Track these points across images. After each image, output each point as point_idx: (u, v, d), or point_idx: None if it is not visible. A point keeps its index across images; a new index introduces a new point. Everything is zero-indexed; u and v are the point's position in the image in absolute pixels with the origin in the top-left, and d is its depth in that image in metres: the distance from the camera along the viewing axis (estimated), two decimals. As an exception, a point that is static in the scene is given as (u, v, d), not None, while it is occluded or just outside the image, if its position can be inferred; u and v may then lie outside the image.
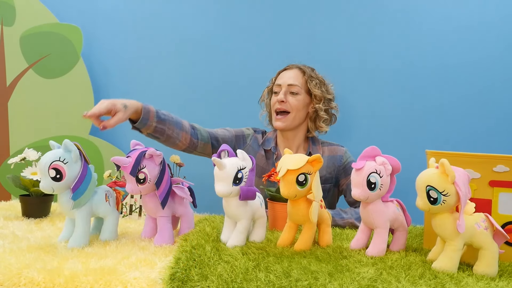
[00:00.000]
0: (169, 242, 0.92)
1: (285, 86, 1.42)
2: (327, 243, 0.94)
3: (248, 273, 0.70)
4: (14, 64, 1.98)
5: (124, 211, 1.26)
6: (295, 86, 1.42)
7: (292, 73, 1.45)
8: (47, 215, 1.26)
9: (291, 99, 1.41)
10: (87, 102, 1.98)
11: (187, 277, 0.69)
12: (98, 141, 1.97)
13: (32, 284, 0.68)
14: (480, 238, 0.77)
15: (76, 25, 1.98)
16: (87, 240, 0.91)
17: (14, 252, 0.82)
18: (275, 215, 1.11)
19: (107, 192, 0.98)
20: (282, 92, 1.42)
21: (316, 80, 1.44)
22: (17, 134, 1.99)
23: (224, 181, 0.85)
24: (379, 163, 0.85)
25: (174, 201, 0.98)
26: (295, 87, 1.42)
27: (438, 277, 0.72)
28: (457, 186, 0.74)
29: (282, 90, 1.42)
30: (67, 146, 0.87)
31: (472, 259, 0.81)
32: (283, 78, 1.45)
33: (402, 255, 0.85)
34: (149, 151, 0.90)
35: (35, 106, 1.99)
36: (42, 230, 1.06)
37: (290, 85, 1.42)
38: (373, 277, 0.70)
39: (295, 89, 1.42)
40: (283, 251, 0.85)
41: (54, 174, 0.85)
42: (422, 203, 0.78)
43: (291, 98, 1.41)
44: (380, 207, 0.87)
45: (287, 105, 1.41)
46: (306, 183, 0.84)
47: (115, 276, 0.69)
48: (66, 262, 0.76)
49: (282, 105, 1.41)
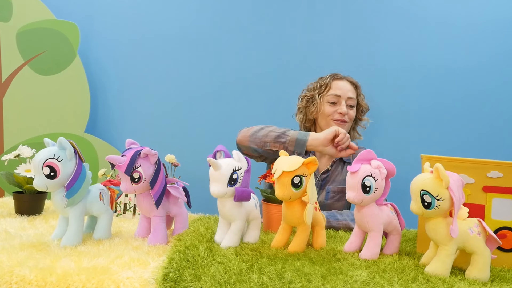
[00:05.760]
0: (163, 242, 0.92)
1: (344, 98, 1.48)
2: (321, 245, 0.94)
3: (241, 274, 0.70)
4: (10, 60, 1.96)
5: (118, 210, 1.26)
6: (353, 100, 1.50)
7: (348, 85, 1.51)
8: (41, 212, 1.25)
9: (350, 112, 1.49)
10: (83, 100, 1.97)
11: (180, 278, 0.69)
12: (93, 139, 1.96)
13: (24, 282, 0.67)
14: (473, 243, 0.77)
15: (73, 22, 1.97)
16: (80, 238, 0.90)
17: (6, 249, 0.82)
18: (269, 217, 1.11)
19: (101, 190, 0.98)
20: (343, 105, 1.47)
21: (363, 95, 1.55)
22: (11, 130, 1.97)
23: (219, 181, 0.85)
24: (374, 167, 0.85)
25: (168, 200, 0.98)
26: (354, 100, 1.50)
27: (430, 281, 0.72)
28: (451, 191, 0.74)
29: (343, 103, 1.47)
30: (62, 143, 0.87)
31: (464, 263, 0.81)
32: (342, 90, 1.49)
33: (395, 259, 0.85)
34: (144, 150, 0.89)
35: (30, 102, 1.98)
36: (35, 227, 1.05)
37: (350, 98, 1.49)
38: (366, 280, 0.70)
39: (353, 103, 1.50)
40: (277, 253, 0.85)
41: (48, 172, 0.84)
42: (416, 207, 0.79)
43: (349, 110, 1.49)
44: (374, 211, 0.87)
45: (346, 117, 1.47)
46: (301, 185, 0.84)
47: (108, 276, 0.69)
48: (58, 261, 0.75)
49: (343, 117, 1.46)
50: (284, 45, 1.91)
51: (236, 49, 1.94)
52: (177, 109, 1.98)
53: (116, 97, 2.04)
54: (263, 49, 1.92)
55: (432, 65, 1.80)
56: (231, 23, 1.95)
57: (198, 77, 1.97)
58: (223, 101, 1.95)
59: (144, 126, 2.00)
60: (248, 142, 1.33)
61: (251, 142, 1.32)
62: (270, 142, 1.29)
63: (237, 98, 1.94)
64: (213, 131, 1.94)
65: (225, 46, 1.95)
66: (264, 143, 1.30)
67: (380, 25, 1.84)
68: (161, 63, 2.00)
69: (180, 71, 1.98)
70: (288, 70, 1.90)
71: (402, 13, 1.83)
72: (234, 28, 1.94)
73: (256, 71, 1.92)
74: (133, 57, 2.02)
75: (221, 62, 1.95)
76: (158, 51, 2.00)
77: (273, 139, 1.29)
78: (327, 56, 1.87)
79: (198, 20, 1.97)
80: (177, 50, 1.98)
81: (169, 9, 1.99)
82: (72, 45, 1.96)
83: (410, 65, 1.81)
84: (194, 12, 1.98)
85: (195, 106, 1.96)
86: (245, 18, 1.94)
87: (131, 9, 2.02)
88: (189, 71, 1.98)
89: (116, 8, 2.03)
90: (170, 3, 1.99)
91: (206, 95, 1.96)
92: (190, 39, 1.98)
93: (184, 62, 1.98)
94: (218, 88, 1.95)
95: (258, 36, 1.93)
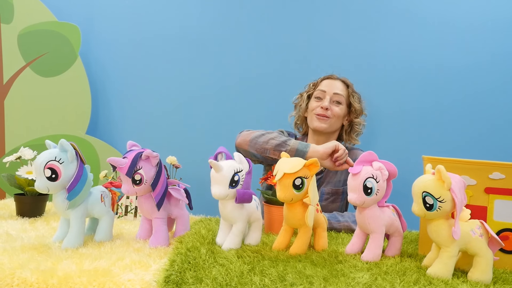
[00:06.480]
0: (164, 244, 0.92)
1: (330, 94, 1.47)
2: (322, 247, 0.94)
3: (243, 277, 0.70)
4: (11, 62, 1.97)
5: (119, 212, 1.26)
6: (340, 96, 1.48)
7: (338, 83, 1.50)
8: (42, 214, 1.25)
9: (334, 108, 1.47)
10: (84, 101, 1.98)
11: (182, 280, 0.69)
12: (95, 140, 1.96)
13: (25, 284, 0.67)
14: (475, 245, 0.77)
15: (74, 24, 1.97)
16: (81, 240, 0.90)
17: (8, 251, 0.82)
18: (271, 219, 1.11)
19: (102, 192, 0.98)
20: (327, 99, 1.46)
21: (357, 96, 1.52)
22: (13, 132, 1.98)
23: (221, 183, 0.85)
24: (376, 168, 0.85)
25: (170, 202, 0.98)
26: (340, 97, 1.48)
27: (432, 283, 0.72)
28: (453, 192, 0.74)
29: (327, 98, 1.46)
30: (63, 145, 0.86)
31: (466, 265, 0.81)
32: (329, 86, 1.49)
33: (397, 261, 0.85)
34: (146, 152, 0.89)
35: (32, 104, 1.98)
36: (36, 229, 1.05)
37: (336, 93, 1.47)
38: (368, 282, 0.70)
39: (340, 99, 1.48)
40: (278, 255, 0.85)
41: (49, 174, 0.84)
42: (418, 209, 0.79)
43: (334, 106, 1.47)
44: (376, 212, 0.87)
45: (329, 113, 1.45)
46: (302, 187, 0.84)
47: (109, 278, 0.68)
48: (60, 263, 0.75)
49: (325, 111, 1.45)
50: (284, 45, 1.91)
51: (236, 49, 1.94)
52: (178, 110, 1.98)
53: (117, 98, 2.04)
54: (264, 50, 1.92)
55: (432, 65, 1.79)
56: (231, 23, 1.95)
57: (199, 78, 1.97)
58: (224, 102, 1.95)
59: (145, 127, 2.00)
60: (247, 146, 1.33)
61: (251, 147, 1.32)
62: (270, 150, 1.29)
63: (238, 99, 1.94)
64: (215, 133, 1.94)
65: (225, 47, 1.95)
66: (264, 149, 1.30)
67: (380, 26, 1.84)
68: (162, 64, 2.00)
69: (181, 72, 1.99)
70: (288, 71, 1.90)
71: (402, 14, 1.82)
72: (234, 29, 1.95)
73: (256, 71, 1.92)
74: (134, 58, 2.02)
75: (222, 62, 1.95)
76: (159, 52, 2.00)
77: (273, 146, 1.28)
78: (327, 57, 1.87)
79: (199, 21, 1.98)
80: (177, 51, 1.99)
81: (169, 10, 2.00)
82: (73, 46, 1.97)
83: (411, 65, 1.81)
84: (194, 12, 1.98)
85: (196, 107, 1.96)
86: (246, 18, 1.94)
87: (132, 10, 2.02)
88: (190, 72, 1.98)
89: (117, 10, 2.03)
90: (170, 4, 1.99)
91: (207, 96, 1.96)
92: (191, 40, 1.98)
93: (184, 63, 1.98)
94: (219, 89, 1.95)
95: (258, 37, 1.93)
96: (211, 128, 1.96)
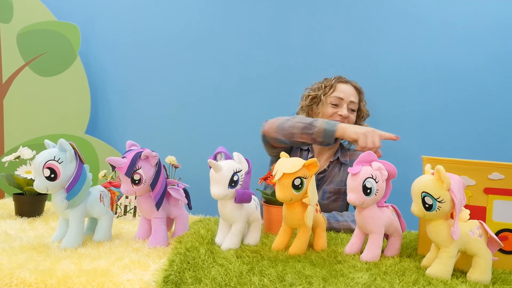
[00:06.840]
0: (163, 244, 0.92)
1: (347, 102, 1.48)
2: (321, 247, 0.94)
3: (242, 277, 0.70)
4: (10, 62, 1.97)
5: (118, 211, 1.26)
6: (355, 104, 1.50)
7: (352, 89, 1.51)
8: (41, 214, 1.25)
9: (350, 115, 1.50)
10: (84, 101, 1.97)
11: (181, 280, 0.69)
12: (94, 140, 1.96)
13: (24, 284, 0.67)
14: (474, 245, 0.77)
15: (73, 23, 1.97)
16: (80, 240, 0.90)
17: (6, 251, 0.82)
18: (270, 219, 1.11)
19: (101, 192, 0.97)
20: (345, 108, 1.48)
21: (365, 101, 1.56)
22: (11, 132, 1.97)
23: (220, 183, 0.85)
24: (375, 169, 0.85)
25: (169, 202, 0.97)
26: (355, 104, 1.51)
27: (432, 284, 0.72)
28: (452, 193, 0.74)
29: (344, 106, 1.48)
30: (62, 145, 0.86)
31: (466, 266, 0.81)
32: (345, 93, 1.49)
33: (396, 261, 0.85)
34: (145, 152, 0.89)
35: (31, 104, 1.98)
36: (35, 229, 1.05)
37: (352, 102, 1.49)
38: (367, 283, 0.70)
39: (354, 107, 1.51)
40: (278, 255, 0.85)
41: (48, 174, 0.84)
42: (417, 209, 0.79)
43: (350, 114, 1.50)
44: (375, 213, 0.87)
45: (346, 121, 1.47)
46: (302, 187, 0.84)
47: (108, 278, 0.68)
48: (59, 263, 0.75)
49: (343, 119, 1.47)
50: (284, 46, 1.91)
51: (236, 49, 1.94)
52: (178, 110, 1.98)
53: (116, 98, 2.04)
54: (264, 50, 1.92)
55: (432, 66, 1.80)
56: (231, 24, 1.95)
57: (198, 78, 1.97)
58: (223, 102, 1.95)
59: (144, 127, 2.00)
60: (275, 133, 1.33)
61: (278, 133, 1.33)
62: (297, 134, 1.29)
63: (238, 99, 1.94)
64: (214, 133, 1.94)
65: (226, 47, 1.95)
66: (291, 134, 1.30)
67: (380, 26, 1.84)
68: (161, 64, 2.00)
69: (181, 72, 1.98)
70: (288, 71, 1.90)
71: (402, 14, 1.83)
72: (234, 29, 1.94)
73: (257, 72, 1.92)
74: (134, 58, 2.02)
75: (221, 63, 1.95)
76: (158, 52, 2.00)
77: (300, 130, 1.28)
78: (328, 57, 1.87)
79: (199, 21, 1.97)
80: (178, 51, 1.99)
81: (170, 10, 1.99)
82: (72, 46, 1.97)
83: (410, 66, 1.81)
84: (194, 13, 1.98)
85: (195, 107, 1.96)
86: (246, 19, 1.94)
87: (132, 10, 2.02)
88: (190, 72, 1.98)
89: (116, 9, 2.03)
90: (171, 4, 1.99)
91: (206, 96, 1.96)
92: (191, 40, 1.98)
93: (184, 63, 1.98)
94: (219, 89, 1.95)
95: (259, 37, 1.93)
96: (211, 128, 1.96)
